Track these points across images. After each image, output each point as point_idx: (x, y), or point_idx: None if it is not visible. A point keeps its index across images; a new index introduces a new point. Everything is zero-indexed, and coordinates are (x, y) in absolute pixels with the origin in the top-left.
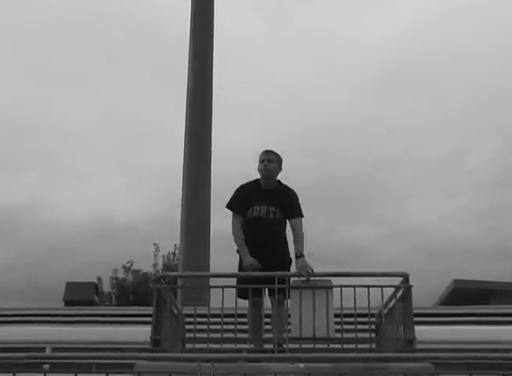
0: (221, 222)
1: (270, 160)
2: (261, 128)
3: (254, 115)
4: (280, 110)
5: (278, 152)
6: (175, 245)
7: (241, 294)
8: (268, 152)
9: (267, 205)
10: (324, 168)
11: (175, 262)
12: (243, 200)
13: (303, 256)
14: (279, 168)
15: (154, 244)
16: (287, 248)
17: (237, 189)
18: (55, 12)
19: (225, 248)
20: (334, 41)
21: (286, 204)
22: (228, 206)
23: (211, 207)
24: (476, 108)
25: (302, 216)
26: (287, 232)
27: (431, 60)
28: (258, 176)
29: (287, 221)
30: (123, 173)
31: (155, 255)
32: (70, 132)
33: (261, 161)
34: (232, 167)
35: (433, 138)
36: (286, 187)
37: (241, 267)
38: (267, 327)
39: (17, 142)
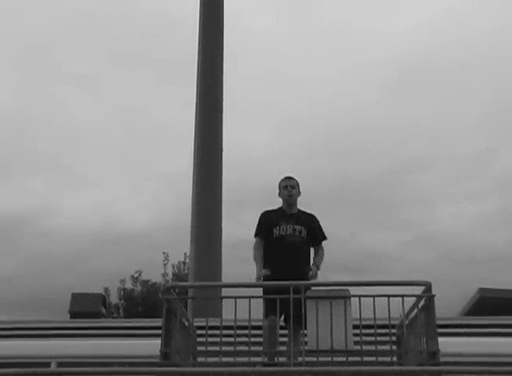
0: (233, 228)
1: (293, 187)
2: (275, 128)
3: (268, 115)
4: (296, 110)
5: (294, 176)
6: (185, 254)
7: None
8: (289, 178)
9: (293, 224)
10: (344, 170)
11: (186, 271)
12: (266, 223)
13: (318, 268)
14: (299, 193)
15: (164, 253)
16: (309, 269)
17: (261, 215)
18: (60, 12)
19: (237, 257)
20: (353, 36)
21: (312, 228)
22: (255, 234)
23: (223, 213)
24: (506, 105)
25: (326, 238)
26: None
27: (459, 55)
28: (273, 200)
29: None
30: (131, 178)
31: (164, 265)
32: (77, 135)
33: (285, 188)
34: (245, 169)
35: (460, 137)
36: (306, 212)
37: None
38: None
39: (21, 146)
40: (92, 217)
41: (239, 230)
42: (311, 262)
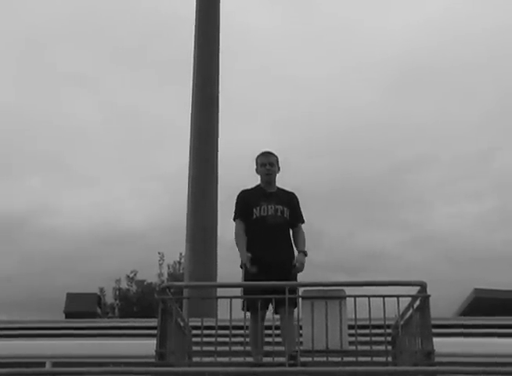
0: (229, 228)
1: (271, 164)
2: (275, 127)
3: (267, 114)
4: (296, 108)
5: (274, 152)
6: (181, 254)
7: (247, 307)
8: (267, 154)
9: (274, 204)
10: (342, 169)
11: (181, 271)
12: (245, 203)
13: (305, 254)
14: (279, 170)
15: (159, 253)
16: (294, 254)
17: (238, 195)
18: (58, 12)
19: (232, 257)
20: (353, 34)
21: (292, 207)
22: (234, 216)
23: (218, 213)
24: (507, 104)
25: (304, 222)
26: None
27: (460, 53)
28: (257, 179)
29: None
30: (128, 178)
31: (160, 264)
32: (75, 135)
33: (262, 165)
34: (241, 169)
35: (460, 137)
36: (286, 190)
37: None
38: (277, 339)
39: (20, 145)
40: (89, 217)
41: (232, 230)
42: (294, 246)
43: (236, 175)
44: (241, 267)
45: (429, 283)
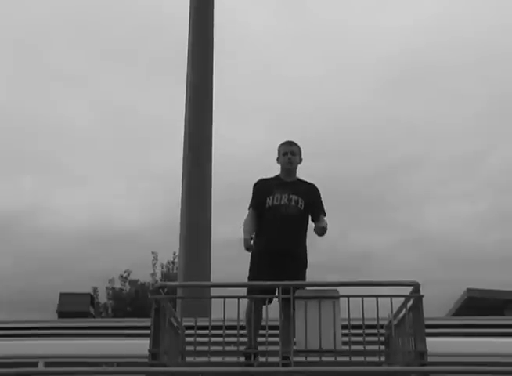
0: (224, 228)
1: (293, 153)
2: (267, 127)
3: (259, 114)
4: (289, 109)
5: (297, 142)
6: (174, 253)
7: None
8: (290, 143)
9: (289, 193)
10: (334, 170)
11: (174, 270)
12: (259, 193)
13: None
14: (301, 160)
15: (153, 253)
16: (305, 248)
17: (254, 184)
18: (49, 12)
19: (226, 256)
20: (345, 35)
21: (310, 200)
22: (249, 206)
23: (212, 212)
24: (497, 106)
25: (325, 215)
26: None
27: (451, 56)
28: (251, 178)
29: (309, 218)
30: (122, 177)
31: (153, 264)
32: (67, 134)
33: (284, 154)
34: (235, 168)
35: (451, 138)
36: (306, 182)
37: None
38: (272, 339)
39: (10, 144)
40: (82, 217)
41: (228, 230)
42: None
43: (230, 173)
44: (247, 249)
45: (422, 284)
